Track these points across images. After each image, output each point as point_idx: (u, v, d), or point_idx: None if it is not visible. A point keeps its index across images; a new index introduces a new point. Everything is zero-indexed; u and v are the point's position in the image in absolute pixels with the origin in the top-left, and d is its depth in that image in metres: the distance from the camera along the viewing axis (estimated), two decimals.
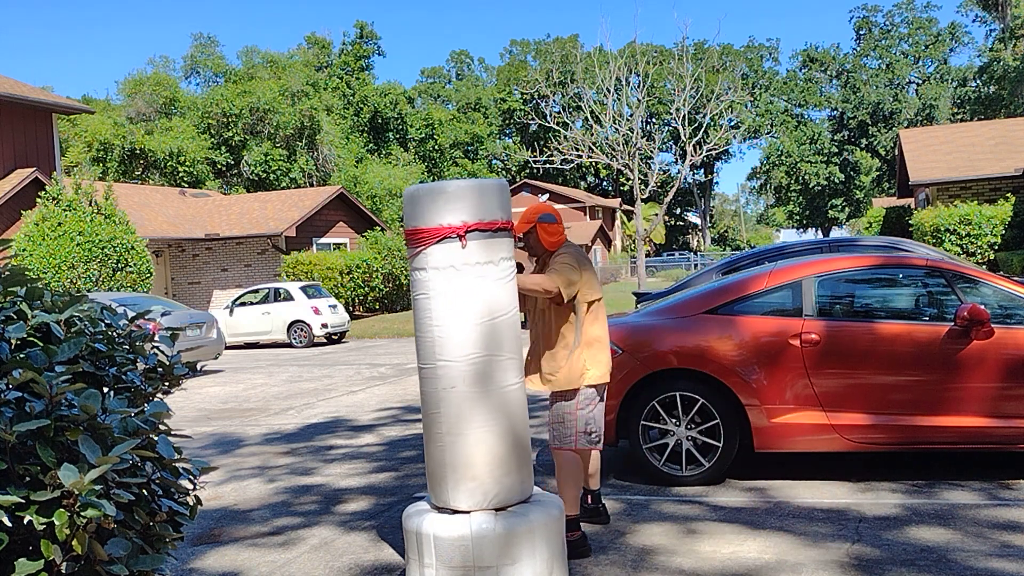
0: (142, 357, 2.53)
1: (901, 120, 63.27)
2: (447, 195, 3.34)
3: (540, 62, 67.58)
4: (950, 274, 5.15)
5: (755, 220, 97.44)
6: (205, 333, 13.67)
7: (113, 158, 36.80)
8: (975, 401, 4.83)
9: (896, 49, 67.24)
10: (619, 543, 4.23)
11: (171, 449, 2.28)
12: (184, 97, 43.48)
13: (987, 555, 3.80)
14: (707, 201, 73.77)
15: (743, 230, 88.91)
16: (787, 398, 5.00)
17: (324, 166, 44.29)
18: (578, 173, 68.10)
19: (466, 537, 3.30)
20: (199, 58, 51.21)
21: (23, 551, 1.81)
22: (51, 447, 1.84)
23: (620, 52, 26.91)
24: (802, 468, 5.47)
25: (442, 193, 3.35)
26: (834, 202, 68.79)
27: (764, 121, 67.38)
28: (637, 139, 24.07)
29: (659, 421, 5.22)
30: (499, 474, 3.37)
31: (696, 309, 5.34)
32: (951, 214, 17.08)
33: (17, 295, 2.17)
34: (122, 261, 17.76)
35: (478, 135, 61.28)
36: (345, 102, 54.27)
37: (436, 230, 3.33)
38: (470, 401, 3.35)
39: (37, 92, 21.02)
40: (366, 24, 59.51)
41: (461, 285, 3.34)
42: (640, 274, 24.10)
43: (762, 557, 3.93)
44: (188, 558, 4.38)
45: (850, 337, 4.99)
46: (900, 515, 4.43)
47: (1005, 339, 4.83)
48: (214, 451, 7.34)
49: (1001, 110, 45.88)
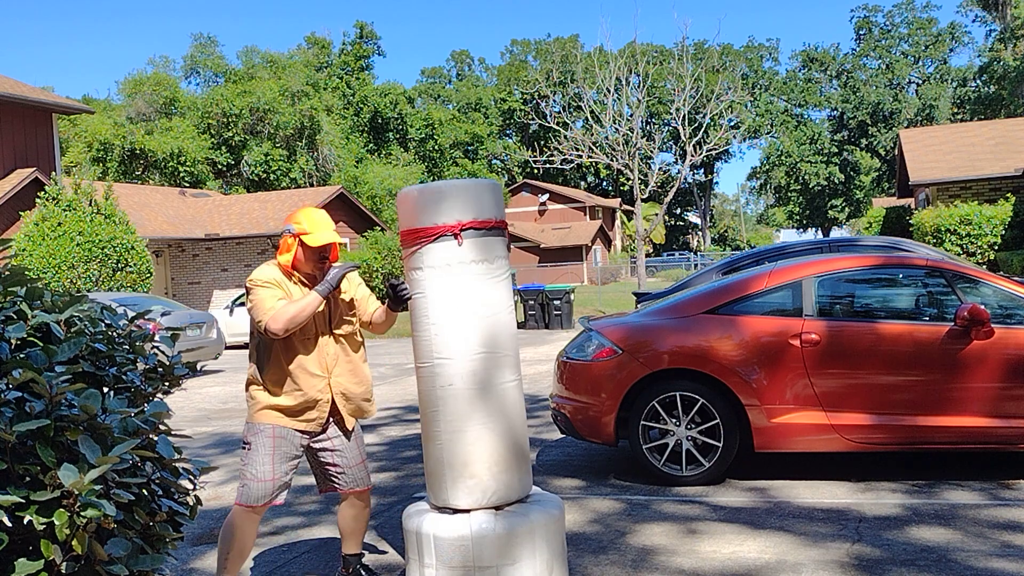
0: (142, 357, 2.52)
1: (901, 120, 63.28)
2: (441, 195, 3.36)
3: (540, 62, 67.64)
4: (950, 274, 5.15)
5: (755, 220, 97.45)
6: (205, 333, 13.66)
7: (113, 158, 36.79)
8: (975, 401, 4.83)
9: (896, 49, 67.24)
10: (619, 543, 4.23)
11: (171, 449, 2.28)
12: (184, 97, 43.47)
13: (987, 555, 3.80)
14: (707, 201, 73.76)
15: (743, 230, 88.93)
16: (787, 398, 5.00)
17: (324, 166, 44.29)
18: (578, 173, 68.10)
19: (466, 537, 3.30)
20: (199, 58, 51.21)
21: (23, 551, 1.81)
22: (51, 447, 1.84)
23: (620, 52, 26.90)
24: (802, 468, 5.47)
25: (437, 193, 3.37)
26: (834, 202, 68.80)
27: (764, 121, 67.39)
28: (637, 139, 24.07)
29: (659, 421, 5.22)
30: (497, 471, 3.37)
31: (696, 309, 5.34)
32: (951, 214, 17.07)
33: (17, 295, 2.17)
34: (122, 261, 17.76)
35: (478, 135, 61.26)
36: (345, 102, 54.27)
37: (432, 229, 3.35)
38: (468, 399, 3.36)
39: (37, 92, 21.02)
40: (366, 24, 59.53)
41: (457, 283, 3.35)
42: (640, 274, 24.09)
43: (762, 557, 3.93)
44: (188, 558, 4.38)
45: (850, 337, 4.99)
46: (900, 515, 4.43)
47: (1005, 339, 4.83)
48: (214, 451, 7.34)
49: (1001, 110, 45.88)
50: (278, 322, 3.27)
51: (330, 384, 3.47)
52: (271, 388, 3.40)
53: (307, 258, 3.44)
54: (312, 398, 3.42)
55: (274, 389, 3.40)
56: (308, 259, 3.44)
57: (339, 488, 3.62)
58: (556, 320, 19.57)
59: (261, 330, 3.31)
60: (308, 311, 3.32)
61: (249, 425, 3.47)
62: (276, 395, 3.40)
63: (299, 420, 3.43)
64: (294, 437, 3.45)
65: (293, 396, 3.40)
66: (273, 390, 3.40)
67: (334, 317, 3.52)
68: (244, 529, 3.43)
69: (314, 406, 3.44)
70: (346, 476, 3.60)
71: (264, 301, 3.32)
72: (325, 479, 3.64)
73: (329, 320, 3.50)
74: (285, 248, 3.46)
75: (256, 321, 3.32)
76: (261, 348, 3.43)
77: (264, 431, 3.41)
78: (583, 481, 5.50)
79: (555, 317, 19.59)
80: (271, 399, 3.41)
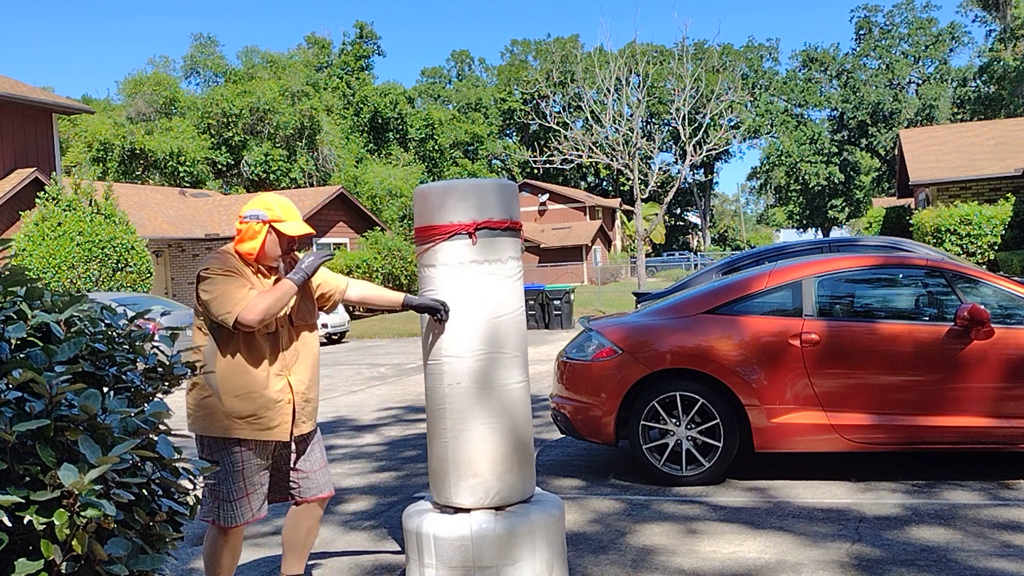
0: (142, 357, 2.52)
1: (901, 120, 63.30)
2: (458, 193, 3.37)
3: (540, 62, 67.63)
4: (950, 274, 5.16)
5: (755, 220, 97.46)
6: None
7: (113, 158, 36.81)
8: (975, 401, 4.83)
9: (896, 49, 67.26)
10: (619, 543, 4.23)
11: (171, 449, 2.28)
12: (184, 97, 43.50)
13: (987, 555, 3.80)
14: (707, 201, 73.77)
15: (743, 230, 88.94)
16: (787, 398, 5.00)
17: (324, 166, 44.31)
18: (578, 173, 68.10)
19: (466, 537, 3.30)
20: (199, 58, 51.24)
21: (23, 551, 1.81)
22: (51, 447, 1.83)
23: (620, 52, 26.91)
24: (802, 468, 5.47)
25: (453, 191, 3.37)
26: (834, 202, 68.82)
27: (764, 121, 67.42)
28: (637, 139, 24.08)
29: (659, 421, 5.22)
30: (501, 471, 3.38)
31: (696, 309, 5.34)
32: (951, 214, 17.07)
33: (17, 295, 2.17)
34: (122, 261, 17.76)
35: (478, 135, 61.29)
36: (345, 102, 54.28)
37: (447, 227, 3.35)
38: (473, 398, 3.36)
39: (37, 92, 21.02)
40: (366, 24, 59.56)
41: (468, 282, 3.36)
42: (640, 274, 24.10)
43: (762, 557, 3.93)
44: (188, 558, 4.38)
45: (850, 337, 4.99)
46: (900, 515, 4.43)
47: (1005, 339, 4.83)
48: None
49: (1001, 110, 45.90)
50: (253, 312, 2.96)
51: (290, 383, 3.20)
52: (224, 393, 3.07)
53: (278, 247, 3.18)
54: (272, 399, 3.12)
55: (228, 394, 3.07)
56: (278, 249, 3.18)
57: (298, 495, 3.34)
58: (556, 320, 19.58)
59: (229, 323, 2.97)
60: (282, 302, 3.04)
61: (206, 440, 3.14)
62: (231, 402, 3.07)
63: (263, 430, 3.12)
64: (262, 447, 3.18)
65: (252, 400, 3.08)
66: (227, 396, 3.07)
67: (298, 308, 3.25)
68: (230, 546, 3.21)
69: (274, 409, 3.13)
70: (309, 481, 3.35)
71: (231, 291, 3.00)
72: (281, 486, 3.34)
73: (291, 312, 3.22)
74: (250, 235, 3.15)
75: (222, 313, 2.98)
76: (212, 348, 3.09)
77: (228, 446, 3.11)
78: (583, 481, 5.50)
79: (555, 317, 19.60)
80: (229, 407, 3.07)
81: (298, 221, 3.22)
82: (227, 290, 3.01)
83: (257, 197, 3.26)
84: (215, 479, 3.14)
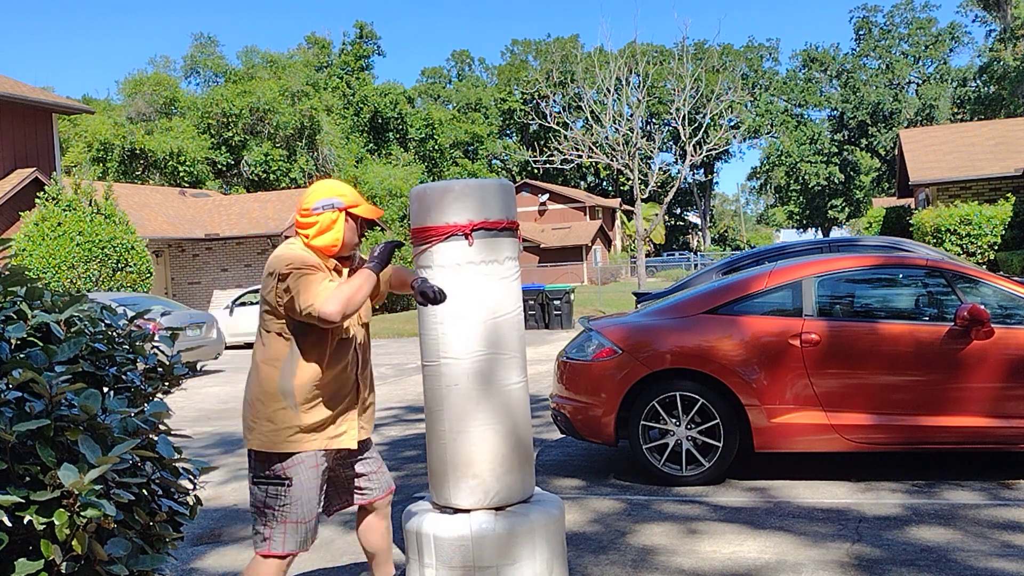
0: (142, 357, 2.53)
1: (901, 120, 63.29)
2: (454, 194, 3.36)
3: (540, 62, 67.61)
4: (950, 274, 5.16)
5: (755, 220, 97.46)
6: (205, 333, 13.66)
7: (113, 158, 36.79)
8: (975, 401, 4.83)
9: (896, 49, 67.25)
10: (619, 543, 4.23)
11: (171, 449, 2.28)
12: (184, 97, 43.48)
13: (988, 555, 3.80)
14: (707, 201, 73.77)
15: (743, 230, 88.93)
16: (787, 398, 5.00)
17: (324, 166, 44.30)
18: (578, 173, 68.10)
19: (466, 537, 3.30)
20: (199, 58, 51.22)
21: (23, 551, 1.81)
22: (51, 447, 1.83)
23: (620, 52, 26.91)
24: (802, 468, 5.47)
25: (449, 192, 3.36)
26: (834, 202, 68.82)
27: (764, 121, 67.42)
28: (637, 139, 24.08)
29: (659, 421, 5.22)
30: (500, 472, 3.37)
31: (696, 309, 5.34)
32: (951, 214, 17.07)
33: (17, 295, 2.17)
34: (122, 261, 17.77)
35: (478, 135, 61.28)
36: (345, 102, 54.28)
37: (443, 228, 3.34)
38: (472, 399, 3.36)
39: (37, 92, 21.02)
40: (366, 24, 59.56)
41: (466, 283, 3.35)
42: (640, 274, 24.09)
43: (762, 557, 3.93)
44: (188, 558, 4.38)
45: (850, 337, 4.99)
46: (900, 515, 4.43)
47: (1005, 339, 4.83)
48: (215, 451, 7.34)
49: (1001, 110, 45.87)
50: (334, 304, 2.72)
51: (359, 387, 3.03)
52: (302, 403, 2.84)
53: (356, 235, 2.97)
54: (347, 406, 2.96)
55: (306, 404, 2.85)
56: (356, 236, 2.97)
57: (367, 499, 3.18)
58: (556, 320, 19.58)
59: (314, 316, 2.73)
60: (363, 292, 2.80)
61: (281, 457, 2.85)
62: (309, 412, 2.85)
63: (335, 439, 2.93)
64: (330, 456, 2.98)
65: (330, 408, 2.89)
66: (304, 406, 2.84)
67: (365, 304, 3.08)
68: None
69: (347, 416, 2.97)
70: (374, 481, 3.20)
71: (313, 284, 2.77)
72: (346, 493, 3.16)
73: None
74: (327, 226, 2.90)
75: (304, 307, 2.74)
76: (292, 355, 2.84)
77: (306, 462, 2.87)
78: (583, 481, 5.50)
79: (555, 317, 19.59)
80: (304, 419, 2.84)
81: (367, 203, 3.00)
82: (309, 283, 2.78)
83: (317, 186, 3.00)
84: (285, 502, 2.86)
